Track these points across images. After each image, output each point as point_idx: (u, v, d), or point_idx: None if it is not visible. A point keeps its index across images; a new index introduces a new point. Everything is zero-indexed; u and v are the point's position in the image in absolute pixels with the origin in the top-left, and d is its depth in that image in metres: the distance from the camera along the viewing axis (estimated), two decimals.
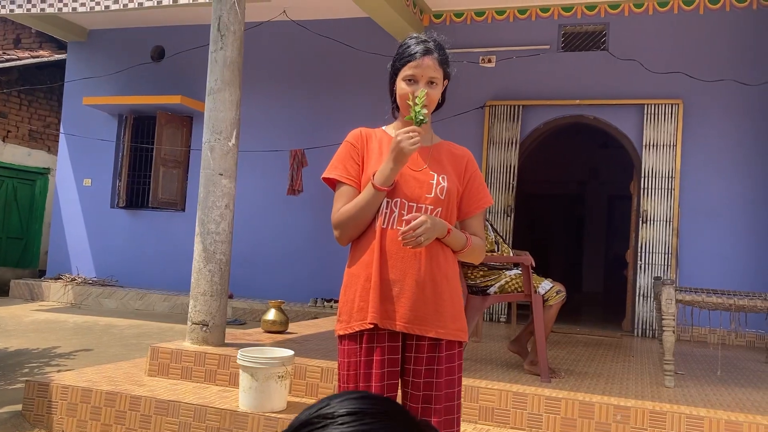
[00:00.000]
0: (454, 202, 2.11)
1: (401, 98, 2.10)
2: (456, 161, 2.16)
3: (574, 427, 3.63)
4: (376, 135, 2.19)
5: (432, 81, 2.08)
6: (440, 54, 2.10)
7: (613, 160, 11.32)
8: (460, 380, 2.08)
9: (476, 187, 2.17)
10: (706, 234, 7.18)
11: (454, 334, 2.05)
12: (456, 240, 2.07)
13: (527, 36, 7.98)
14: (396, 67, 2.13)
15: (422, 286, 2.03)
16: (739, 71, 7.14)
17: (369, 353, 2.03)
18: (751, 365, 5.42)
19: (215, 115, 4.78)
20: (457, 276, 2.13)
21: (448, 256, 2.10)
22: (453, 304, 2.07)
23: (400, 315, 2.01)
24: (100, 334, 6.89)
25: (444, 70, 2.12)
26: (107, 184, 9.96)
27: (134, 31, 9.96)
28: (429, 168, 2.10)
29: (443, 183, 2.08)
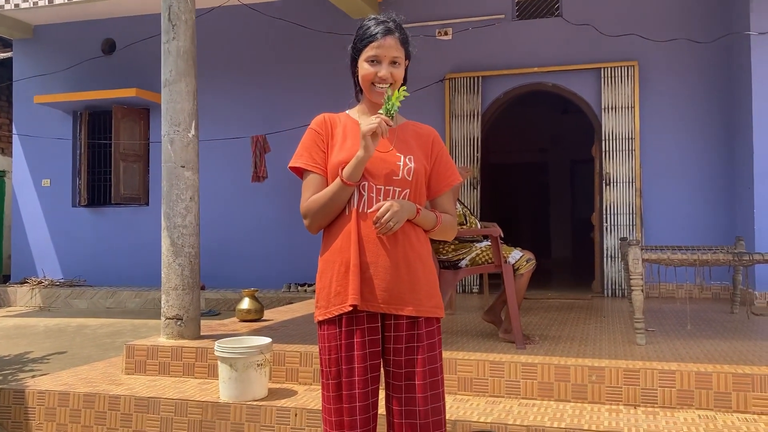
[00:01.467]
0: (422, 182, 2.12)
1: (364, 79, 2.10)
2: (422, 141, 2.17)
3: (551, 390, 3.71)
4: (341, 120, 2.18)
5: (395, 61, 2.08)
6: (401, 33, 2.11)
7: (574, 125, 11.44)
8: (440, 355, 2.11)
9: (443, 165, 2.19)
10: (668, 192, 7.33)
11: (430, 311, 2.08)
12: (426, 220, 2.10)
13: (482, 6, 7.98)
14: (357, 48, 2.12)
15: (396, 266, 2.04)
16: (691, 30, 7.25)
17: (349, 336, 2.04)
18: (718, 316, 5.58)
19: (173, 106, 4.71)
20: (429, 254, 2.15)
21: (419, 235, 2.12)
22: (428, 282, 2.10)
23: (376, 296, 2.03)
24: (72, 336, 6.80)
25: (405, 50, 2.12)
26: (67, 183, 9.77)
27: (82, 24, 9.72)
28: (395, 149, 2.10)
29: (410, 164, 2.08)
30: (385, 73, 2.07)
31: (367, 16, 2.18)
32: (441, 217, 2.13)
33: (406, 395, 2.04)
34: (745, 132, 6.60)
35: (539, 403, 3.67)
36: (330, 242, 2.10)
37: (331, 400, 2.05)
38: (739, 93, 6.85)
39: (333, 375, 2.05)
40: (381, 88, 2.08)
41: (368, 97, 2.13)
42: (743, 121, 6.70)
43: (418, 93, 8.01)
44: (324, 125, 2.16)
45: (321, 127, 2.16)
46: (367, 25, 2.12)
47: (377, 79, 2.08)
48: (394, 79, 2.09)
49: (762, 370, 3.51)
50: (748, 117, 6.45)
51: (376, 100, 2.10)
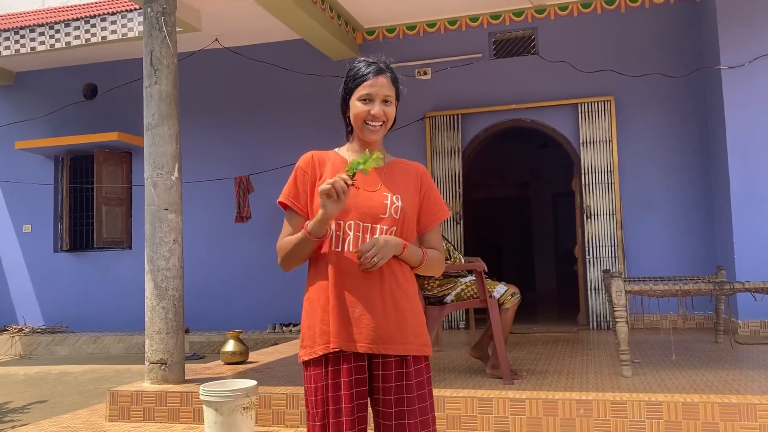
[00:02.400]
0: (410, 220, 2.13)
1: (356, 117, 2.12)
2: (410, 178, 2.19)
3: (539, 425, 3.70)
4: (329, 158, 2.19)
5: (386, 100, 2.12)
6: (392, 73, 2.16)
7: (554, 159, 11.58)
8: (431, 393, 2.10)
9: (432, 201, 2.20)
10: (649, 224, 7.42)
11: (418, 350, 2.07)
12: (412, 256, 2.10)
13: (459, 46, 8.14)
14: (349, 88, 2.15)
15: (383, 305, 2.04)
16: (664, 65, 7.43)
17: (335, 376, 2.03)
18: (702, 346, 5.61)
19: (155, 150, 4.73)
20: (416, 292, 2.16)
21: (406, 272, 2.12)
22: (415, 320, 2.09)
23: (363, 336, 2.02)
24: (54, 384, 6.68)
25: (396, 89, 2.17)
26: (48, 228, 9.70)
27: (64, 70, 9.76)
28: (383, 188, 2.12)
29: (397, 203, 2.09)
30: (378, 111, 2.09)
31: (353, 58, 2.23)
32: (427, 254, 2.14)
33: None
34: (721, 162, 6.73)
35: None
36: (314, 280, 2.10)
37: None
38: (714, 124, 7.00)
39: (319, 417, 2.02)
40: (374, 126, 2.10)
41: (360, 136, 2.15)
42: (719, 152, 6.84)
43: (400, 131, 8.08)
44: (310, 163, 2.16)
45: (307, 165, 2.16)
46: (358, 66, 2.16)
47: (370, 117, 2.10)
48: (387, 117, 2.12)
49: (748, 399, 3.53)
50: (723, 147, 6.59)
51: (368, 139, 2.12)
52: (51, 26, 8.49)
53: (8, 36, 8.66)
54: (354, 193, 2.04)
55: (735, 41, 6.52)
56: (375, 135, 2.12)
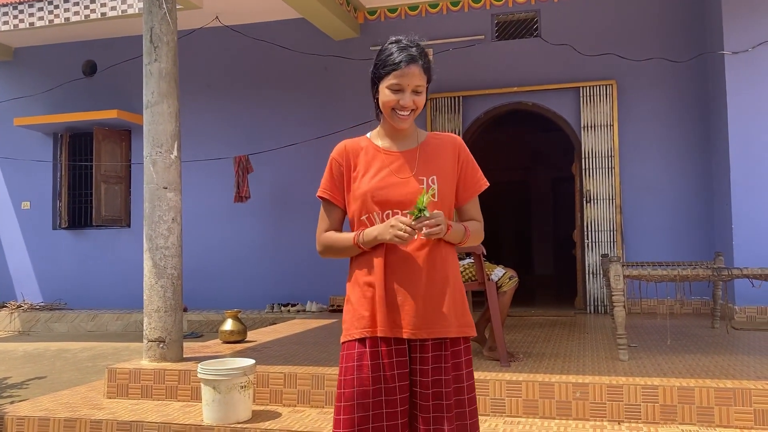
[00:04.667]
0: (449, 198, 2.11)
1: (385, 105, 2.08)
2: (446, 153, 2.15)
3: (536, 408, 3.72)
4: (362, 145, 2.17)
5: (416, 90, 2.06)
6: (424, 61, 2.09)
7: (554, 143, 11.55)
8: (470, 375, 2.09)
9: (470, 173, 2.17)
10: (648, 209, 7.41)
11: (458, 331, 2.06)
12: (456, 234, 2.08)
13: (462, 27, 8.08)
14: (379, 74, 2.09)
15: (424, 291, 2.03)
16: (667, 49, 7.38)
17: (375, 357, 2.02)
18: (698, 331, 5.63)
19: (155, 128, 4.71)
20: (457, 272, 2.13)
21: (446, 255, 2.09)
22: (455, 302, 2.07)
23: (406, 322, 2.02)
24: (52, 360, 6.71)
25: (426, 79, 2.10)
26: (47, 205, 9.69)
27: (63, 46, 9.70)
28: (418, 172, 2.09)
29: (433, 185, 2.07)
30: (408, 101, 2.05)
31: (389, 38, 2.15)
32: (468, 228, 2.12)
33: (434, 415, 2.00)
34: (722, 148, 6.71)
35: (524, 420, 3.68)
36: (357, 267, 2.10)
37: (341, 423, 1.99)
38: (715, 110, 6.97)
39: (346, 397, 2.00)
40: (403, 115, 2.07)
41: (389, 122, 2.12)
42: (720, 138, 6.82)
43: None
44: (343, 154, 2.15)
45: (341, 156, 2.15)
46: (390, 51, 2.08)
47: (399, 107, 2.06)
48: (416, 106, 2.08)
49: (743, 384, 3.54)
50: (724, 134, 6.57)
51: (398, 126, 2.10)
52: (50, 1, 8.41)
53: (6, 11, 8.58)
54: (389, 182, 2.05)
55: (739, 26, 6.48)
56: (405, 123, 2.09)
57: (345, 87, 8.37)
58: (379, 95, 2.10)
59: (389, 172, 2.08)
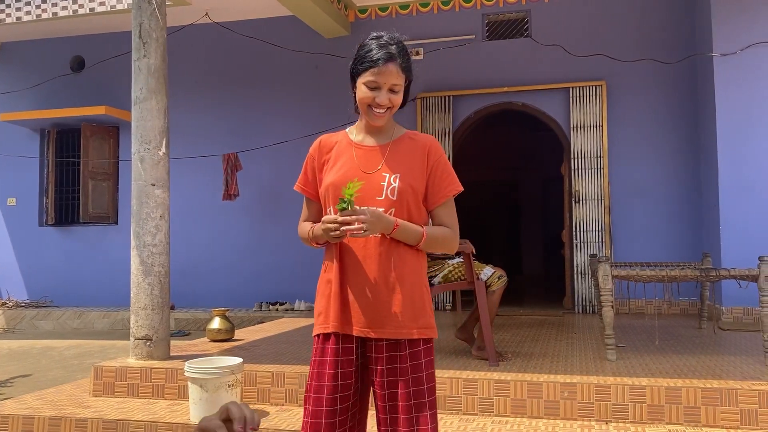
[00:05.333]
0: (412, 199, 2.07)
1: (362, 102, 2.07)
2: (416, 153, 2.11)
3: (524, 407, 3.72)
4: (337, 139, 2.18)
5: (393, 89, 2.05)
6: (403, 60, 2.07)
7: (544, 143, 11.58)
8: (431, 377, 2.05)
9: (439, 176, 2.11)
10: (636, 210, 7.44)
11: (415, 333, 2.03)
12: (407, 235, 2.04)
13: (452, 27, 8.08)
14: (357, 70, 2.08)
15: (376, 289, 2.03)
16: (657, 51, 7.41)
17: (323, 354, 2.06)
18: (686, 332, 5.66)
19: (143, 124, 4.67)
20: (418, 272, 2.10)
21: (404, 255, 2.07)
22: (411, 303, 2.04)
23: (356, 320, 2.03)
24: (37, 358, 6.65)
25: (406, 76, 2.09)
26: (33, 201, 9.60)
27: (51, 41, 9.61)
28: (383, 168, 2.08)
29: (394, 183, 2.05)
30: (384, 99, 2.04)
31: (371, 34, 2.14)
32: (427, 232, 2.07)
33: (390, 416, 2.01)
34: (710, 150, 6.74)
35: (512, 420, 3.68)
36: (324, 262, 2.15)
37: (308, 413, 2.05)
38: (704, 112, 7.01)
39: (310, 389, 2.06)
40: (378, 112, 2.06)
41: (365, 118, 2.11)
42: (708, 140, 6.85)
43: None
44: (318, 149, 2.18)
45: (315, 151, 2.19)
46: (369, 47, 2.06)
47: (375, 104, 2.05)
48: (392, 104, 2.07)
49: (730, 384, 3.56)
50: (713, 135, 6.60)
51: (373, 123, 2.09)
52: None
53: None
54: (353, 176, 2.04)
55: (728, 29, 6.51)
56: (380, 121, 2.09)
57: (335, 85, 8.33)
58: (356, 91, 2.10)
59: (355, 166, 2.09)
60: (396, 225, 2.01)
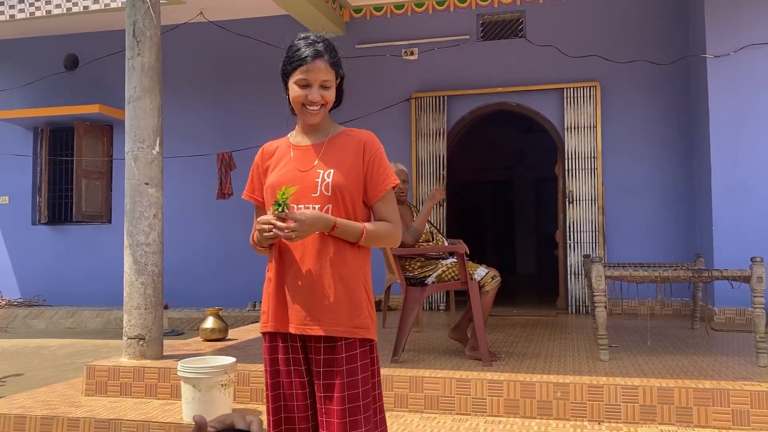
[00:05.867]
0: (349, 194, 2.06)
1: (294, 101, 2.09)
2: (351, 149, 2.11)
3: (517, 407, 3.73)
4: (279, 145, 2.21)
5: (324, 85, 2.07)
6: (331, 56, 2.08)
7: (538, 144, 11.60)
8: (365, 380, 2.01)
9: (376, 170, 2.11)
10: (630, 210, 7.46)
11: (350, 332, 2.01)
12: (347, 233, 2.03)
13: (447, 27, 8.08)
14: (287, 70, 2.10)
15: (312, 288, 2.02)
16: (650, 52, 7.44)
17: (273, 351, 2.09)
18: (678, 332, 5.68)
19: (137, 123, 4.66)
20: (357, 271, 2.08)
21: (342, 252, 2.05)
22: (349, 301, 2.03)
23: (293, 318, 2.03)
24: (30, 357, 6.62)
25: (336, 71, 2.10)
26: (26, 200, 9.57)
27: (44, 40, 9.58)
28: (318, 165, 2.08)
29: (328, 179, 2.05)
30: (315, 96, 2.05)
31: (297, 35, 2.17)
32: (367, 228, 2.05)
33: (326, 419, 1.98)
34: (703, 151, 6.77)
35: (505, 420, 3.68)
36: (268, 262, 2.17)
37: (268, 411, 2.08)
38: (697, 113, 7.04)
39: (267, 386, 2.10)
40: (312, 110, 2.07)
41: (301, 117, 2.13)
42: (701, 141, 6.88)
43: (385, 112, 8.07)
44: (261, 156, 2.22)
45: (258, 157, 2.22)
46: (297, 46, 2.09)
47: (307, 102, 2.07)
48: (325, 101, 2.08)
49: (722, 384, 3.58)
50: (706, 136, 6.62)
51: (308, 121, 2.11)
52: None
53: None
54: (290, 176, 2.07)
55: (721, 30, 6.53)
56: (314, 118, 2.10)
57: None
58: (289, 92, 2.11)
59: (292, 167, 2.10)
60: (335, 224, 2.00)
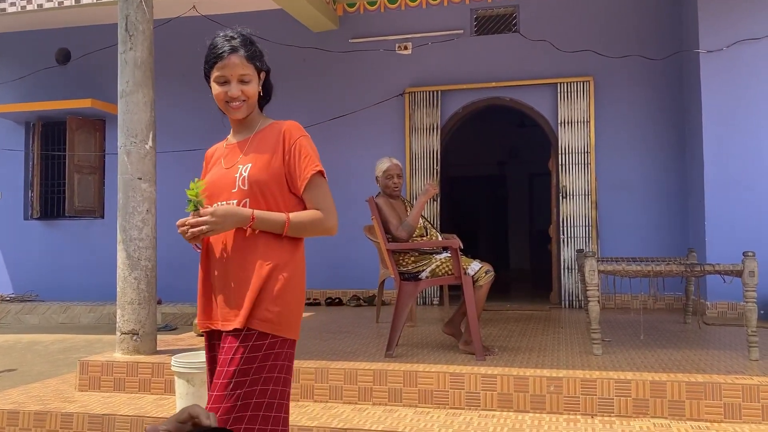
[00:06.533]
0: (266, 186, 2.02)
1: (217, 99, 2.10)
2: (271, 141, 2.08)
3: (510, 401, 3.74)
4: (216, 147, 2.25)
5: (242, 80, 2.05)
6: (247, 50, 2.06)
7: (531, 138, 11.61)
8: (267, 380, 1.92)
9: (296, 159, 2.05)
10: (623, 205, 7.49)
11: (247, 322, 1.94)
12: (267, 225, 1.99)
13: (441, 21, 8.07)
14: (206, 69, 2.11)
15: (230, 283, 2.00)
16: (644, 47, 7.45)
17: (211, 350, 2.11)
18: (671, 326, 5.71)
19: (129, 117, 4.64)
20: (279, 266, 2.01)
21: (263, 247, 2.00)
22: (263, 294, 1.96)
23: (215, 314, 2.04)
24: (23, 353, 6.60)
25: (254, 65, 2.08)
26: (18, 195, 9.52)
27: (36, 33, 9.52)
28: (240, 161, 2.08)
29: (245, 174, 2.03)
30: (235, 92, 2.05)
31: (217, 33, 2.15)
32: (290, 219, 2.01)
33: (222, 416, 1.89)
34: (696, 146, 6.79)
35: (499, 414, 3.69)
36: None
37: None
38: (690, 108, 7.05)
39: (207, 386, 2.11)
40: (235, 105, 2.07)
41: (227, 115, 2.14)
42: (694, 135, 6.90)
43: (378, 107, 8.07)
44: (205, 161, 2.27)
45: (204, 163, 2.27)
46: (215, 43, 2.09)
47: (228, 98, 2.07)
48: (246, 96, 2.06)
49: (714, 378, 3.60)
50: (699, 131, 6.64)
51: (233, 117, 2.12)
52: None
53: None
54: (217, 176, 2.09)
55: (714, 25, 6.55)
56: (238, 114, 2.09)
57: (323, 79, 8.33)
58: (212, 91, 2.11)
59: (220, 166, 2.12)
60: (252, 217, 1.97)
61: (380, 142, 8.06)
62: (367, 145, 8.10)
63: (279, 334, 1.97)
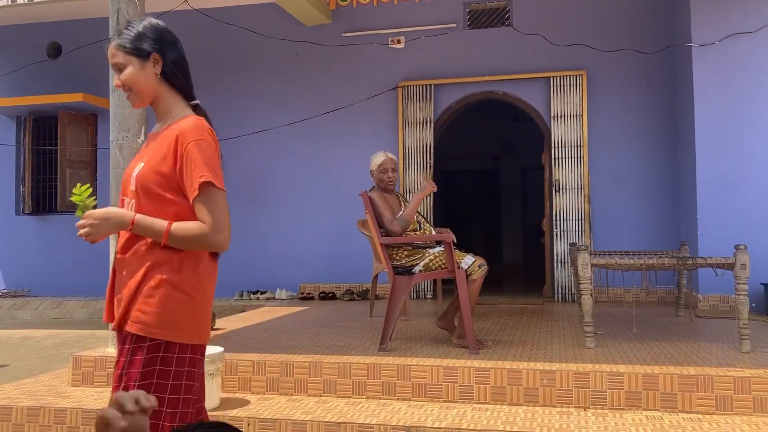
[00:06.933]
0: (151, 190, 1.95)
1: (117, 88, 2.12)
2: (168, 140, 1.98)
3: (504, 394, 3.75)
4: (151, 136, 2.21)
5: (118, 68, 2.05)
6: (122, 39, 2.04)
7: (525, 132, 11.62)
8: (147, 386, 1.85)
9: (187, 167, 1.93)
10: (616, 199, 7.51)
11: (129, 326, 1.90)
12: (146, 231, 1.93)
13: (434, 15, 8.06)
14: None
15: (121, 283, 1.99)
16: (637, 41, 7.46)
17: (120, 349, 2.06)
18: (663, 319, 5.74)
19: (121, 112, 4.62)
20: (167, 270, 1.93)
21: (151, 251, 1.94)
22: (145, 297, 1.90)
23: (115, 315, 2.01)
24: (15, 348, 6.58)
25: (130, 50, 2.03)
26: (10, 190, 9.47)
27: (27, 27, 9.45)
28: (142, 158, 2.06)
29: (134, 174, 2.01)
30: (116, 82, 2.07)
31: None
32: (170, 231, 1.91)
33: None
34: (688, 139, 6.81)
35: (492, 407, 3.71)
36: None
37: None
38: (683, 102, 7.07)
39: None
40: (127, 95, 2.08)
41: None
42: (686, 129, 6.92)
43: (372, 101, 8.06)
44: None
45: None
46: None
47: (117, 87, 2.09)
48: (129, 84, 2.04)
49: (706, 371, 3.62)
50: (691, 125, 6.66)
51: (133, 106, 2.12)
52: None
53: None
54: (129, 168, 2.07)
55: (707, 19, 6.56)
56: (133, 104, 2.10)
57: (316, 73, 8.31)
58: None
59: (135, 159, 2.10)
60: (132, 221, 1.92)
61: (373, 136, 8.05)
62: (360, 139, 8.10)
63: (158, 337, 1.88)
